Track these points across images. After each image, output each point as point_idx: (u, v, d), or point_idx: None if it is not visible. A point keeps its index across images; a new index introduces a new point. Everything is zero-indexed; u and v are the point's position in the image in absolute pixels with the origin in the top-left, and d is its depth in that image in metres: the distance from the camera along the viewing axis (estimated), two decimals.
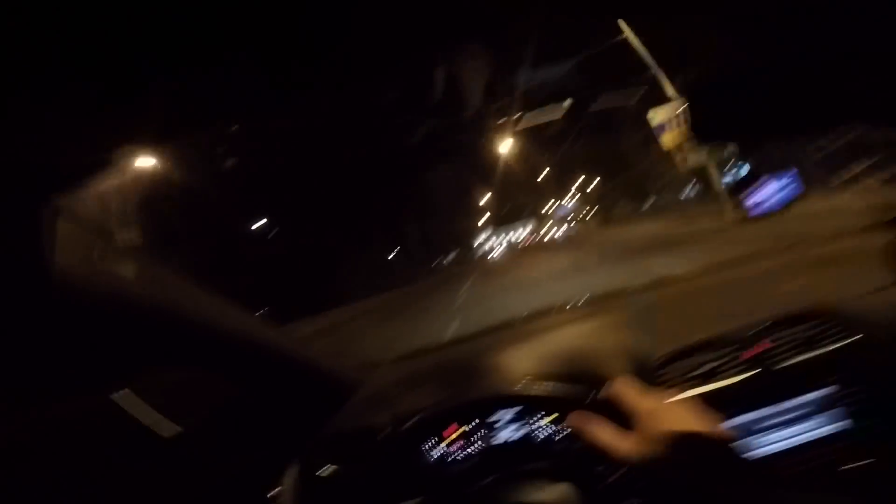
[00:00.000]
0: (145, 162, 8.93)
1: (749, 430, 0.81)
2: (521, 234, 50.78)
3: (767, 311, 0.92)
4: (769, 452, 0.80)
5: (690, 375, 0.86)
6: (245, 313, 0.86)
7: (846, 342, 0.81)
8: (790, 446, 0.80)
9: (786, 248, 1.35)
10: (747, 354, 0.85)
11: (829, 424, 0.79)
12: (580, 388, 0.85)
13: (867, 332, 0.82)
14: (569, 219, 38.66)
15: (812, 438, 0.79)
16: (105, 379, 0.86)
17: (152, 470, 0.98)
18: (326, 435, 1.00)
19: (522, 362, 1.06)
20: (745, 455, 0.58)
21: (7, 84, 0.32)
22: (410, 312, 9.94)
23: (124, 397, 0.97)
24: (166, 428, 1.00)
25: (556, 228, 40.55)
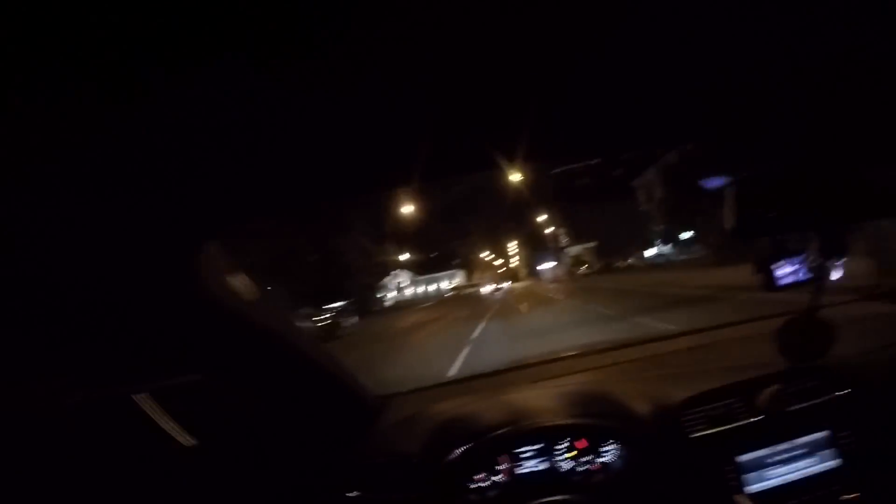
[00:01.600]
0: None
1: (758, 465, 0.93)
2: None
3: (777, 364, 1.03)
4: (774, 486, 0.92)
5: (710, 416, 0.96)
6: (305, 332, 0.95)
7: (840, 394, 0.97)
8: (791, 480, 0.93)
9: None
10: (759, 400, 0.97)
11: (824, 462, 0.93)
12: (612, 421, 0.96)
13: (858, 386, 0.98)
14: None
15: (810, 474, 0.93)
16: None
17: (165, 478, 0.96)
18: (356, 457, 1.01)
19: (543, 401, 1.09)
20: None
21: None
22: None
23: (145, 400, 0.98)
24: (184, 438, 0.99)
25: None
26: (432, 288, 51.95)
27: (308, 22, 0.32)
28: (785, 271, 0.83)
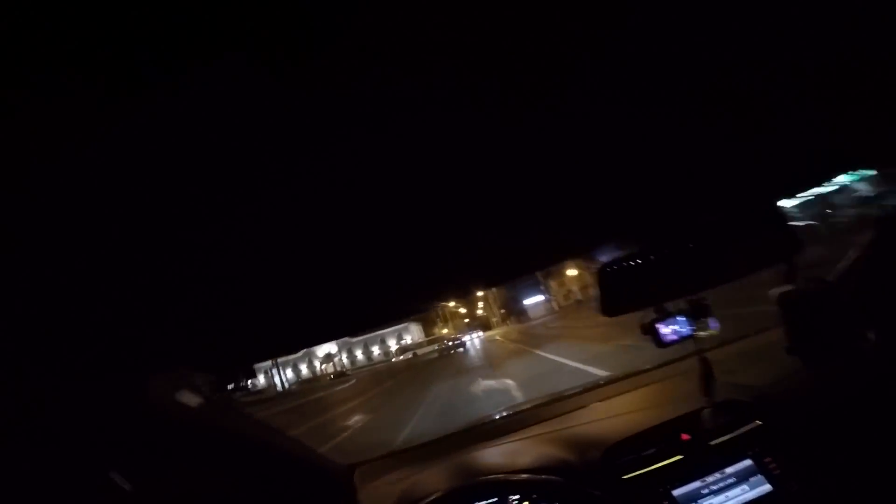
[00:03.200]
0: None
1: (694, 496, 1.02)
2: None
3: (696, 402, 1.16)
4: None
5: (641, 457, 1.07)
6: (264, 424, 1.03)
7: (756, 425, 1.08)
8: None
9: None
10: (684, 437, 1.10)
11: (755, 489, 1.01)
12: (554, 477, 1.07)
13: (770, 415, 1.08)
14: None
15: (745, 501, 1.00)
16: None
17: None
18: None
19: (498, 458, 1.22)
20: None
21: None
22: None
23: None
24: None
25: None
26: (374, 352, 43.68)
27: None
28: (668, 330, 1.01)
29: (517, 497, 1.05)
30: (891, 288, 0.99)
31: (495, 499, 1.06)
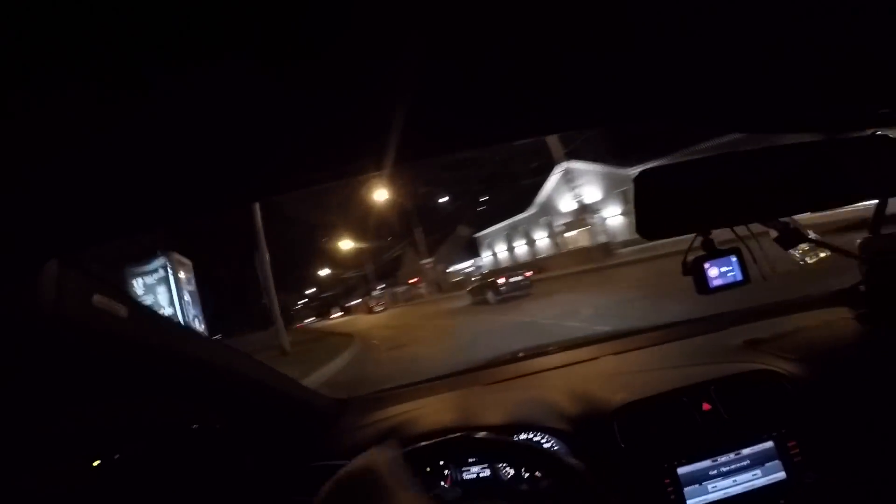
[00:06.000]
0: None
1: (700, 477, 0.89)
2: None
3: (728, 367, 1.02)
4: (716, 499, 0.88)
5: (649, 425, 0.94)
6: (224, 346, 0.90)
7: (789, 403, 0.94)
8: (735, 494, 0.89)
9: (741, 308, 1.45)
10: (705, 406, 0.95)
11: (768, 476, 0.89)
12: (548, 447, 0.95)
13: (802, 394, 0.94)
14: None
15: (753, 488, 0.89)
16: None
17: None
18: (307, 464, 1.00)
19: (486, 409, 1.09)
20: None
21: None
22: None
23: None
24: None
25: None
26: None
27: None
28: (715, 273, 0.80)
29: (506, 462, 0.94)
30: None
31: (485, 463, 0.95)
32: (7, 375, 0.60)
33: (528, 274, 12.83)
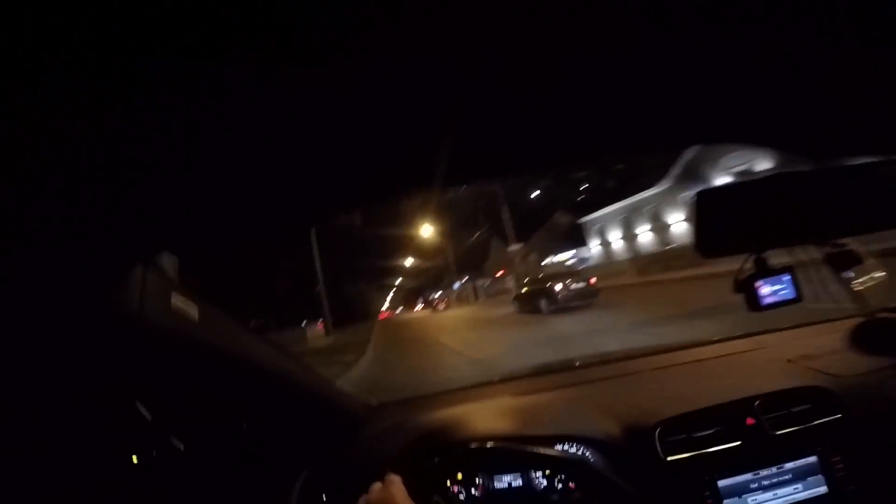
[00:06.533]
0: None
1: (740, 490, 0.89)
2: None
3: (774, 383, 1.02)
4: None
5: (691, 439, 0.94)
6: (281, 348, 0.92)
7: (829, 419, 0.94)
8: None
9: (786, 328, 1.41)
10: (749, 421, 0.95)
11: (809, 490, 0.90)
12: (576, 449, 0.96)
13: (848, 412, 0.94)
14: None
15: (794, 501, 0.89)
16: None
17: (147, 482, 0.97)
18: (334, 463, 1.02)
19: (537, 418, 1.09)
20: None
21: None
22: None
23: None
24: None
25: None
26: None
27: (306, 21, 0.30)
28: (767, 290, 0.79)
29: (541, 472, 0.94)
30: None
31: (518, 472, 0.95)
32: (79, 374, 0.62)
33: (592, 280, 11.26)
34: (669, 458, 0.91)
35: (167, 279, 0.57)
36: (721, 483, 0.89)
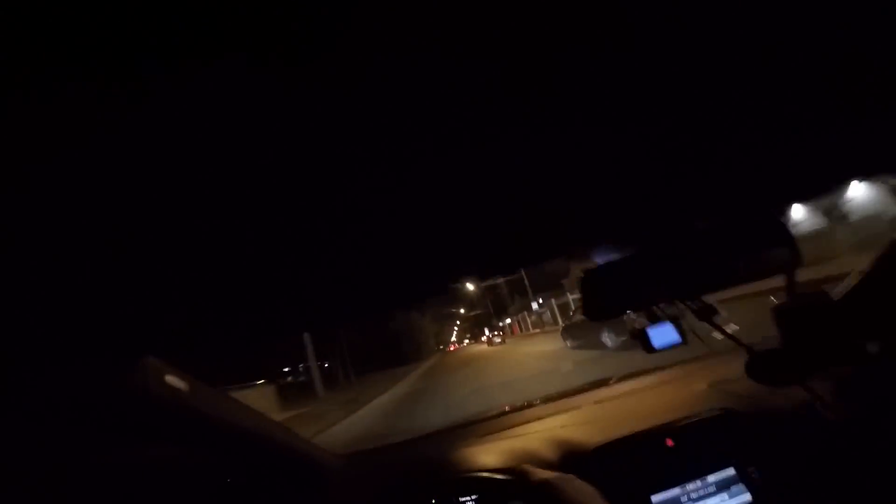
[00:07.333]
0: None
1: (674, 503, 1.02)
2: None
3: (685, 410, 1.19)
4: None
5: (624, 461, 1.08)
6: (261, 415, 1.06)
7: (737, 434, 1.09)
8: None
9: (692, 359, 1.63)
10: (669, 442, 1.10)
11: (734, 497, 1.02)
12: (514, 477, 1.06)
13: (756, 424, 1.09)
14: None
15: None
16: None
17: None
18: None
19: (477, 456, 1.23)
20: None
21: None
22: None
23: None
24: None
25: None
26: None
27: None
28: (657, 335, 0.98)
29: (473, 497, 1.05)
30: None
31: (474, 495, 1.06)
32: (91, 435, 0.76)
33: None
34: (604, 481, 1.02)
35: (161, 363, 0.75)
36: (654, 498, 1.01)
